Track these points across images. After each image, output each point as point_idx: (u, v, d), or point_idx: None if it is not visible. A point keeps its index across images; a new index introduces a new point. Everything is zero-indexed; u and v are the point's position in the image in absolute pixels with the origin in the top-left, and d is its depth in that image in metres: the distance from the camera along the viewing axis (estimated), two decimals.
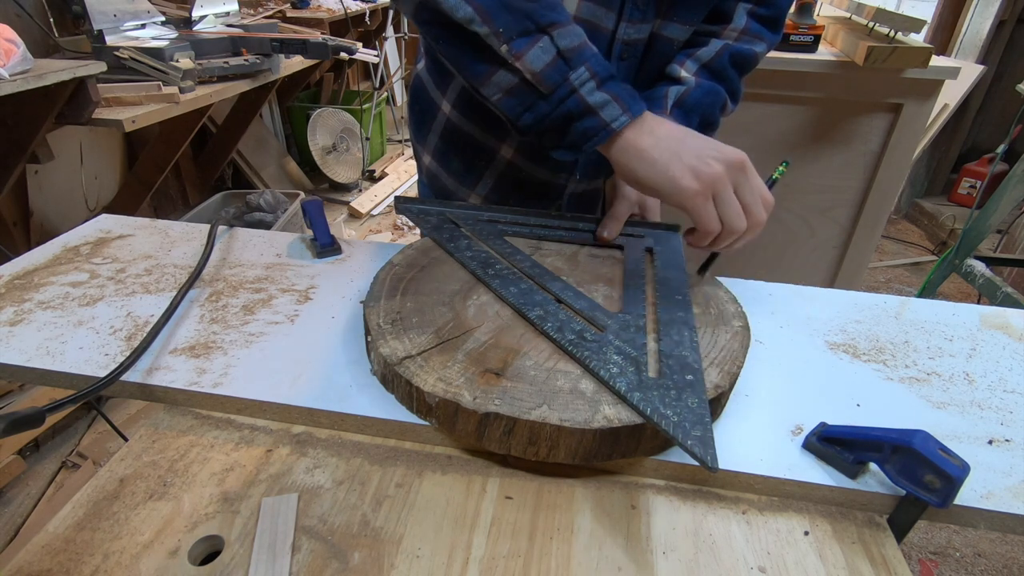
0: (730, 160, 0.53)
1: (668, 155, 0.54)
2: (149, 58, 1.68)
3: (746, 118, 1.52)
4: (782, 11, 0.73)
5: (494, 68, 0.55)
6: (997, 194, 1.86)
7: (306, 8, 3.00)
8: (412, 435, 0.49)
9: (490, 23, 0.53)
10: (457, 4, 0.53)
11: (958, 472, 0.40)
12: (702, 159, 0.53)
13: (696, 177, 0.53)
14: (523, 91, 0.55)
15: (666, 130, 0.56)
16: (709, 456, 0.39)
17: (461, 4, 0.53)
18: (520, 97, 0.56)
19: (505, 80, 0.55)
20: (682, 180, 0.53)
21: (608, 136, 0.55)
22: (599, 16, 0.64)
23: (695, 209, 0.54)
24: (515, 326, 0.53)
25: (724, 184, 0.53)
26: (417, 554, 0.40)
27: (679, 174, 0.53)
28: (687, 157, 0.54)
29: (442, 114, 0.79)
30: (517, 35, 0.53)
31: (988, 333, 0.65)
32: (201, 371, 0.52)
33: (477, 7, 0.53)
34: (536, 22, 0.53)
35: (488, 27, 0.53)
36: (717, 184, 0.53)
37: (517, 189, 0.81)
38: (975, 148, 3.35)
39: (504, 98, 0.56)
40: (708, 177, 0.53)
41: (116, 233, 0.76)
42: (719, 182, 0.53)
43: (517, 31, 0.53)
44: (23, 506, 1.45)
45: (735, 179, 0.54)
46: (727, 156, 0.54)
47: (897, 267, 2.94)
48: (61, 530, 0.40)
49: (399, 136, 4.25)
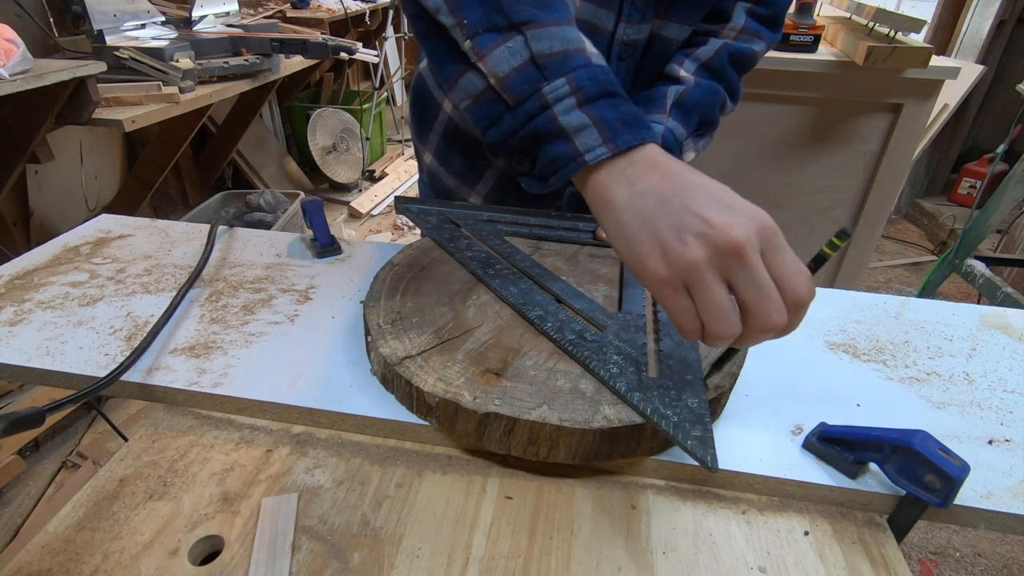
0: (721, 241, 0.37)
1: (639, 221, 0.40)
2: (149, 58, 1.68)
3: (746, 118, 1.52)
4: (781, 10, 0.73)
5: (464, 69, 0.47)
6: (997, 194, 1.86)
7: (306, 8, 3.00)
8: (412, 435, 0.49)
9: (455, 13, 0.45)
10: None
11: (958, 472, 0.40)
12: (680, 235, 0.38)
13: (665, 259, 0.39)
14: (490, 100, 0.46)
15: (651, 182, 0.41)
16: (709, 456, 0.39)
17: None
18: (486, 107, 0.46)
19: (471, 85, 0.47)
20: (647, 259, 0.39)
21: (578, 169, 0.44)
22: (599, 17, 0.64)
23: (660, 300, 0.40)
24: (515, 326, 0.53)
25: (700, 274, 0.38)
26: (417, 554, 0.40)
27: (646, 252, 0.40)
28: (662, 228, 0.39)
29: (443, 113, 0.79)
30: (483, 29, 0.45)
31: (988, 333, 0.65)
32: (201, 371, 0.52)
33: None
34: (508, 17, 0.44)
35: (453, 17, 0.45)
36: (689, 274, 0.38)
37: (518, 189, 0.80)
38: (975, 148, 3.35)
39: (472, 107, 0.47)
40: (679, 262, 0.38)
41: (116, 233, 0.76)
42: (692, 272, 0.38)
43: (484, 25, 0.44)
44: (23, 506, 1.45)
45: (725, 266, 0.38)
46: (717, 235, 0.37)
47: (897, 267, 2.94)
48: (61, 530, 0.40)
49: (399, 136, 4.25)
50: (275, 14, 2.78)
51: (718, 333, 0.39)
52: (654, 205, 0.40)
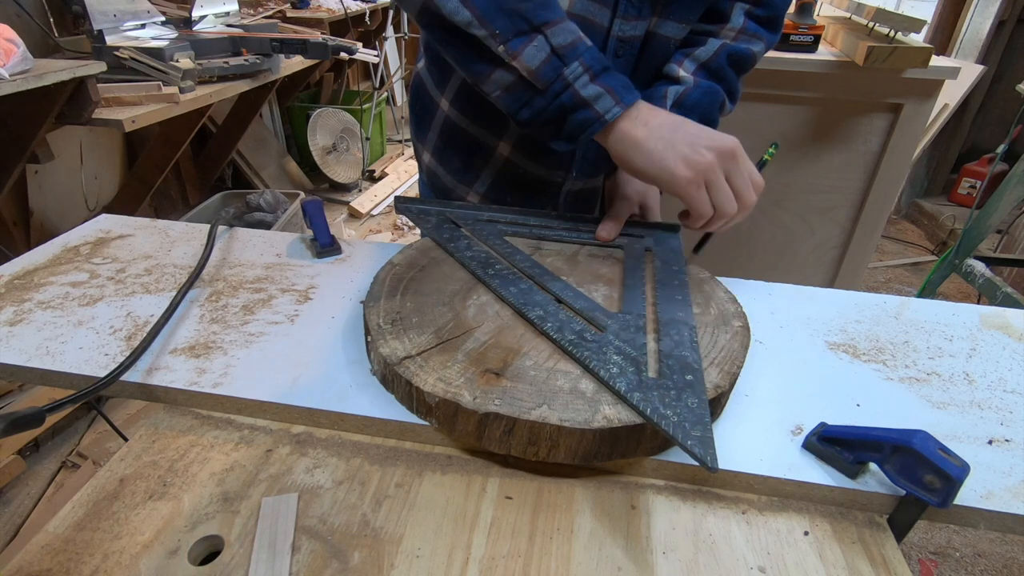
0: (721, 148, 0.56)
1: (662, 145, 0.57)
2: (149, 58, 1.68)
3: (746, 118, 1.52)
4: (780, 11, 0.73)
5: (493, 67, 0.58)
6: (997, 194, 1.86)
7: (306, 8, 3.00)
8: (412, 435, 0.49)
9: (487, 26, 0.55)
10: (456, 8, 0.55)
11: (958, 472, 0.39)
12: (695, 148, 0.56)
13: (689, 166, 0.56)
14: (521, 88, 0.58)
15: (660, 120, 0.58)
16: (709, 456, 0.39)
17: (460, 8, 0.55)
18: (518, 94, 0.58)
19: (504, 78, 0.58)
20: (676, 169, 0.56)
21: (602, 127, 0.58)
22: (592, 12, 0.65)
23: (689, 196, 0.57)
24: (515, 326, 0.53)
25: (715, 172, 0.56)
26: (417, 554, 0.40)
27: (673, 164, 0.56)
28: (680, 146, 0.56)
29: (441, 112, 0.79)
30: (513, 36, 0.55)
31: (988, 333, 0.65)
32: (201, 371, 0.52)
33: (474, 11, 0.55)
34: (530, 22, 0.55)
35: (486, 29, 0.55)
36: (709, 173, 0.56)
37: (515, 187, 0.81)
38: (975, 148, 3.35)
39: (503, 95, 0.59)
40: (700, 166, 0.56)
41: (116, 233, 0.76)
42: (710, 171, 0.56)
43: (513, 32, 0.55)
44: (23, 506, 1.45)
45: (726, 166, 0.57)
46: (719, 144, 0.56)
47: (897, 267, 2.94)
48: (61, 530, 0.40)
49: (399, 136, 4.25)
50: (275, 14, 2.78)
51: (725, 212, 0.58)
52: (669, 133, 0.57)
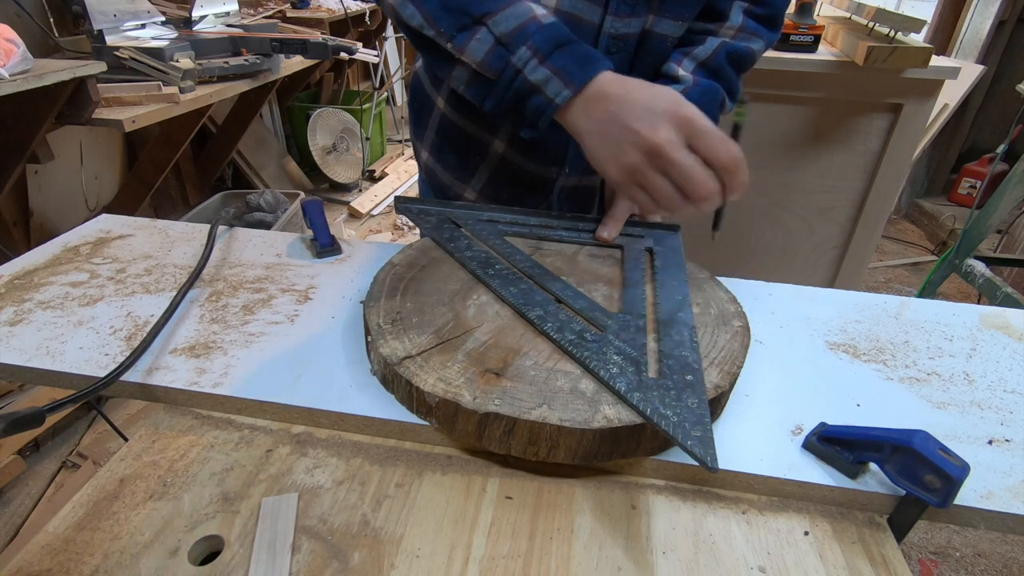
0: (649, 147, 0.53)
1: (598, 141, 0.56)
2: (149, 58, 1.68)
3: (746, 118, 1.52)
4: (779, 10, 0.73)
5: (452, 65, 0.59)
6: (997, 194, 1.86)
7: (306, 8, 3.00)
8: (412, 435, 0.49)
9: (434, 25, 0.56)
10: (412, 13, 0.57)
11: (958, 472, 0.39)
12: (621, 147, 0.54)
13: (618, 167, 0.55)
14: (478, 81, 0.58)
15: (601, 110, 0.55)
16: (709, 456, 0.39)
17: (414, 13, 0.57)
18: (476, 87, 0.59)
19: (462, 74, 0.59)
20: (608, 169, 0.57)
21: (555, 111, 0.57)
22: (582, 9, 0.64)
23: (624, 195, 0.59)
24: (515, 326, 0.53)
25: (644, 173, 0.54)
26: (417, 554, 0.40)
27: (605, 163, 0.56)
28: (610, 145, 0.55)
29: (437, 110, 0.79)
30: (457, 32, 0.56)
31: (988, 333, 0.65)
32: (201, 371, 0.52)
33: (424, 12, 0.56)
34: (471, 15, 0.55)
35: (434, 29, 0.57)
36: (635, 174, 0.55)
37: (510, 184, 0.81)
38: (975, 148, 3.35)
39: (467, 89, 0.60)
40: (628, 167, 0.55)
41: (116, 233, 0.76)
42: (637, 172, 0.54)
43: (456, 28, 0.56)
44: (23, 506, 1.45)
45: (656, 165, 0.54)
46: (645, 142, 0.53)
47: (897, 267, 2.94)
48: (61, 530, 0.40)
49: (399, 136, 4.25)
50: (275, 14, 2.78)
51: (669, 207, 0.55)
52: (605, 127, 0.55)
